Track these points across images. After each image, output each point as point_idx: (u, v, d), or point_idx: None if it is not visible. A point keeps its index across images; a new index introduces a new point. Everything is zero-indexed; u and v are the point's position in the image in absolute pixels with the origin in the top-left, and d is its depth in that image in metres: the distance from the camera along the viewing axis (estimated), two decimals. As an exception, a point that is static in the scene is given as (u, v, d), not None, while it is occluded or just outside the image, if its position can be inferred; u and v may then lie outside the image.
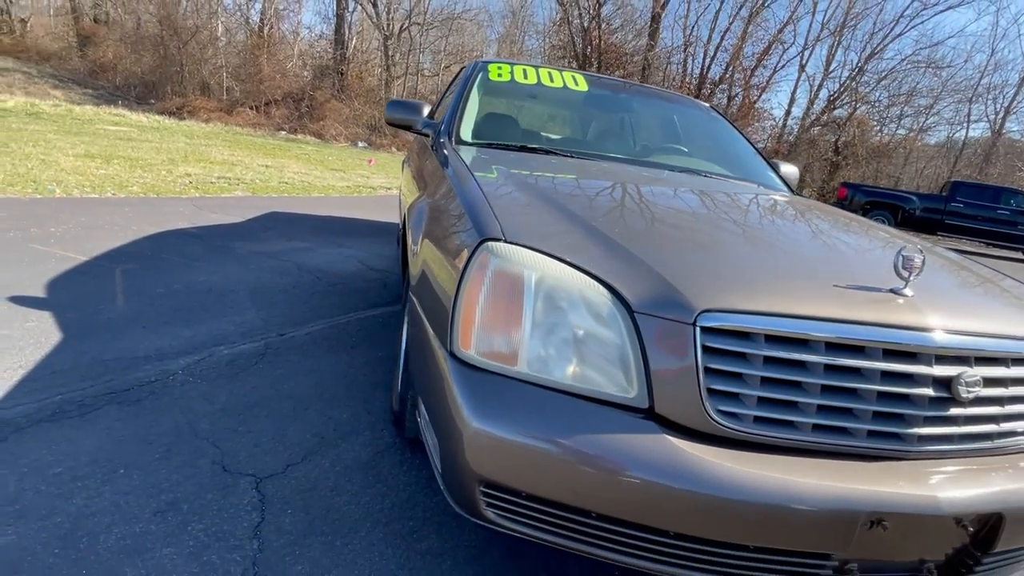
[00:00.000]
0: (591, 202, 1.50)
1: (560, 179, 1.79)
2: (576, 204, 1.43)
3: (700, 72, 23.52)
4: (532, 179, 1.66)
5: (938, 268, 1.51)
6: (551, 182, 1.70)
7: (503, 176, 1.65)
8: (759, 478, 0.98)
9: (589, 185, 1.78)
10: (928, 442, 1.09)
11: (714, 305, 1.04)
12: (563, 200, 1.45)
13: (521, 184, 1.57)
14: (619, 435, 1.01)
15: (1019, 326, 1.18)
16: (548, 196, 1.47)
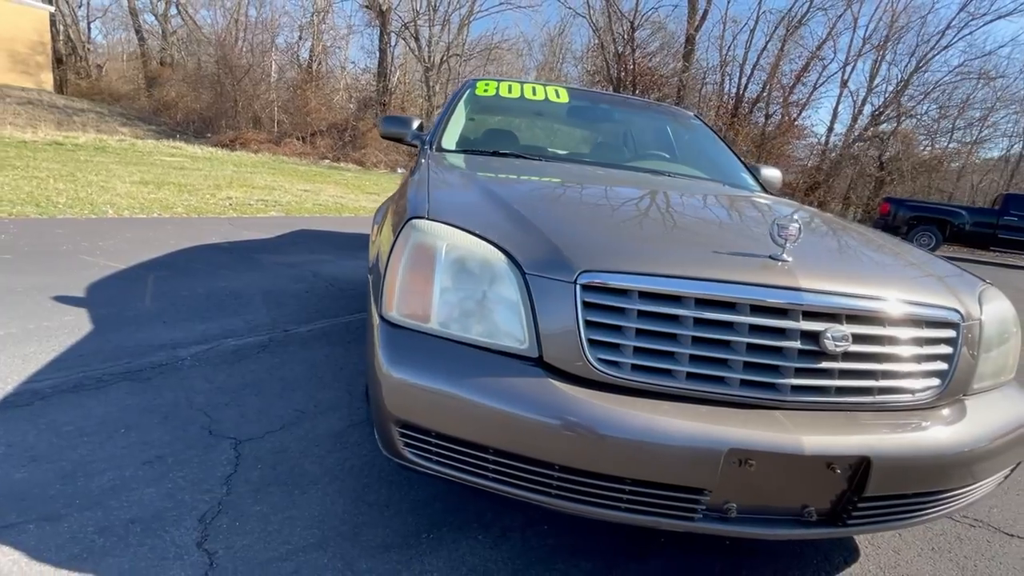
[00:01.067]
0: (524, 191, 1.67)
1: (507, 175, 1.96)
2: (508, 192, 1.61)
3: (736, 92, 23.39)
4: (481, 175, 1.84)
5: (831, 239, 1.63)
6: (496, 176, 1.87)
7: (455, 173, 1.84)
8: (626, 415, 1.10)
9: (532, 179, 1.95)
10: (802, 393, 1.19)
11: (592, 266, 1.18)
12: (498, 189, 1.63)
13: (467, 178, 1.75)
14: (510, 379, 1.16)
15: (900, 290, 1.27)
16: (486, 186, 1.65)
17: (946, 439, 1.20)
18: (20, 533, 1.26)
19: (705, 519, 1.16)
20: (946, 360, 1.29)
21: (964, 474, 1.23)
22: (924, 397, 1.27)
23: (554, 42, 37.03)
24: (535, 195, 1.65)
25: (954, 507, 1.32)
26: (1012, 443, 1.30)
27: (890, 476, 1.15)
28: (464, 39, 29.73)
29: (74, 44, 30.44)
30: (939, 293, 1.32)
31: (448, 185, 1.62)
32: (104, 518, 1.34)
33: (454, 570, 1.32)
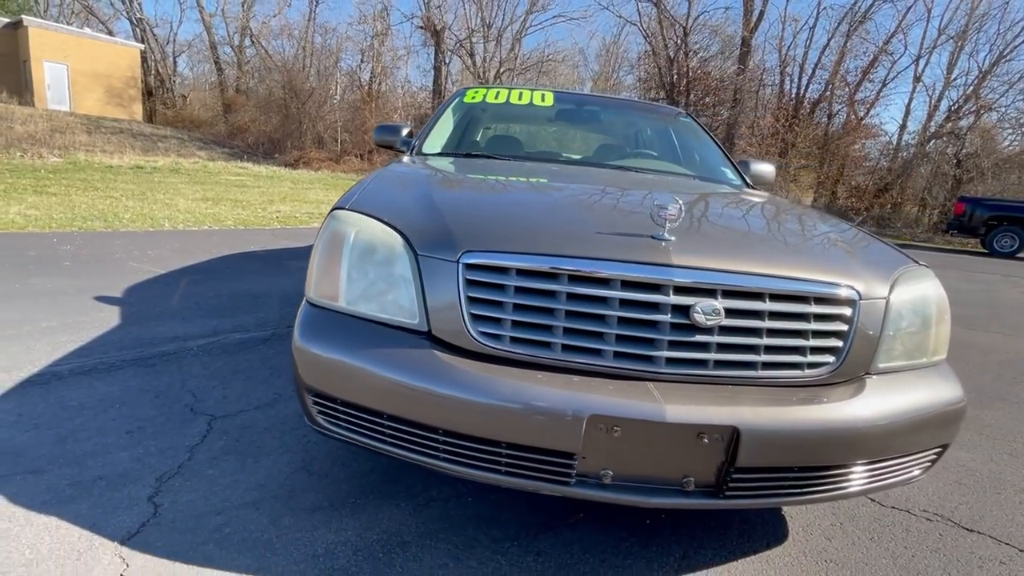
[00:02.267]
0: (451, 185, 1.78)
1: (453, 173, 2.07)
2: (435, 186, 1.72)
3: (796, 92, 22.51)
4: (426, 172, 1.96)
5: (741, 221, 1.66)
6: (438, 173, 1.98)
7: (405, 171, 1.97)
8: (495, 382, 1.19)
9: (472, 175, 2.04)
10: (678, 366, 1.23)
11: (474, 246, 1.28)
12: (428, 184, 1.74)
13: (410, 175, 1.88)
14: (399, 351, 1.27)
15: (788, 268, 1.29)
16: (419, 181, 1.77)
17: (823, 415, 1.21)
18: (7, 483, 1.48)
19: (580, 485, 1.22)
20: (841, 338, 1.29)
21: (847, 452, 1.23)
22: (816, 374, 1.28)
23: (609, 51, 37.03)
24: (458, 188, 1.76)
25: (853, 488, 1.30)
26: (910, 425, 1.28)
27: (760, 448, 1.17)
28: (517, 54, 30.22)
29: (162, 77, 33.26)
30: (835, 272, 1.32)
31: (386, 181, 1.75)
32: (78, 474, 1.55)
33: (367, 531, 1.43)
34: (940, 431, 1.36)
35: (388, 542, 1.40)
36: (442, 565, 1.33)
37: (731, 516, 1.64)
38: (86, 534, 1.32)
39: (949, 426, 1.37)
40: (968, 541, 1.63)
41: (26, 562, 1.22)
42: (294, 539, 1.37)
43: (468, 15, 29.79)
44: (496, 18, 30.12)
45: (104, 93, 25.95)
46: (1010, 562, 1.54)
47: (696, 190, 2.12)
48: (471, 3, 29.80)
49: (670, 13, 23.64)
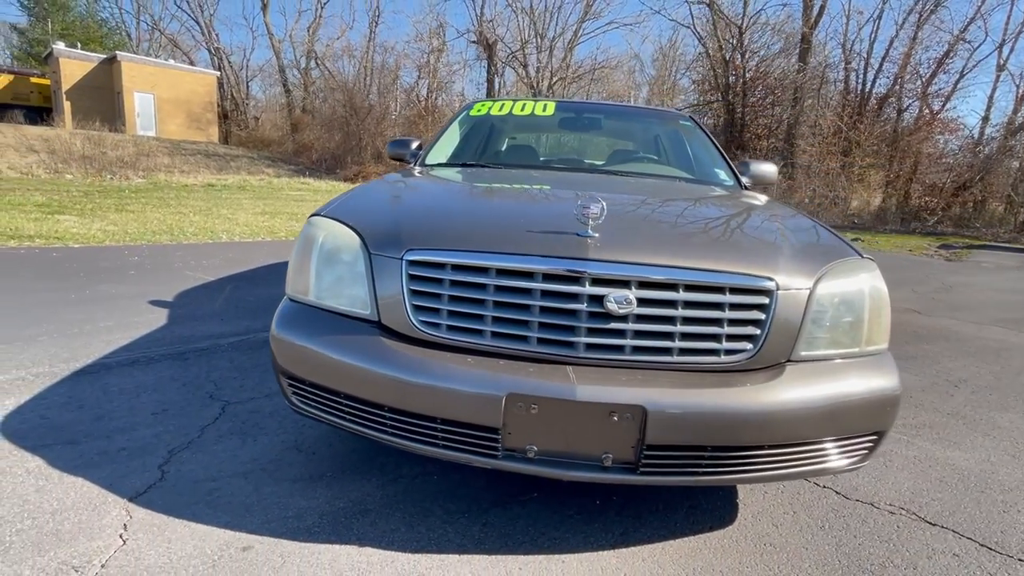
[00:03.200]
0: (416, 191, 1.94)
1: (425, 180, 2.23)
2: (403, 192, 1.90)
3: (861, 88, 21.45)
4: (403, 181, 2.13)
5: (672, 215, 1.78)
6: (413, 181, 2.15)
7: (384, 181, 2.15)
8: (427, 364, 1.34)
9: (449, 182, 2.21)
10: (597, 351, 1.34)
11: (416, 244, 1.44)
12: (398, 191, 1.92)
13: (388, 184, 2.06)
14: (353, 337, 1.45)
15: (704, 260, 1.37)
16: (392, 189, 1.94)
17: (731, 399, 1.28)
18: (48, 450, 1.77)
19: (508, 458, 1.35)
20: (758, 326, 1.36)
21: (757, 435, 1.29)
22: (734, 360, 1.35)
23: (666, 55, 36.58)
24: (417, 194, 1.92)
25: (772, 471, 1.36)
26: (826, 412, 1.33)
27: (667, 427, 1.26)
28: (569, 63, 30.39)
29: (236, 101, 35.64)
30: (754, 264, 1.39)
31: (364, 190, 1.95)
32: (106, 445, 1.82)
33: (336, 499, 1.61)
34: (866, 419, 1.39)
35: (352, 510, 1.57)
36: (394, 530, 1.50)
37: (680, 500, 1.71)
38: (103, 492, 1.57)
39: (878, 415, 1.40)
40: (926, 534, 1.63)
41: (52, 511, 1.48)
42: (271, 503, 1.58)
43: (521, 27, 30.30)
44: (549, 28, 30.49)
45: (185, 118, 28.14)
46: (964, 555, 1.54)
47: (669, 191, 2.20)
48: (524, 15, 30.34)
49: (724, 13, 23.13)
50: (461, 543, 1.46)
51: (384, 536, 1.47)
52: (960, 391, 2.88)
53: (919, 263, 8.28)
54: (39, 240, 5.40)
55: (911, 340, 3.84)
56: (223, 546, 1.39)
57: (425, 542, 1.46)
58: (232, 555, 1.36)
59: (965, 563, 1.51)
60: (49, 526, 1.42)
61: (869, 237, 12.62)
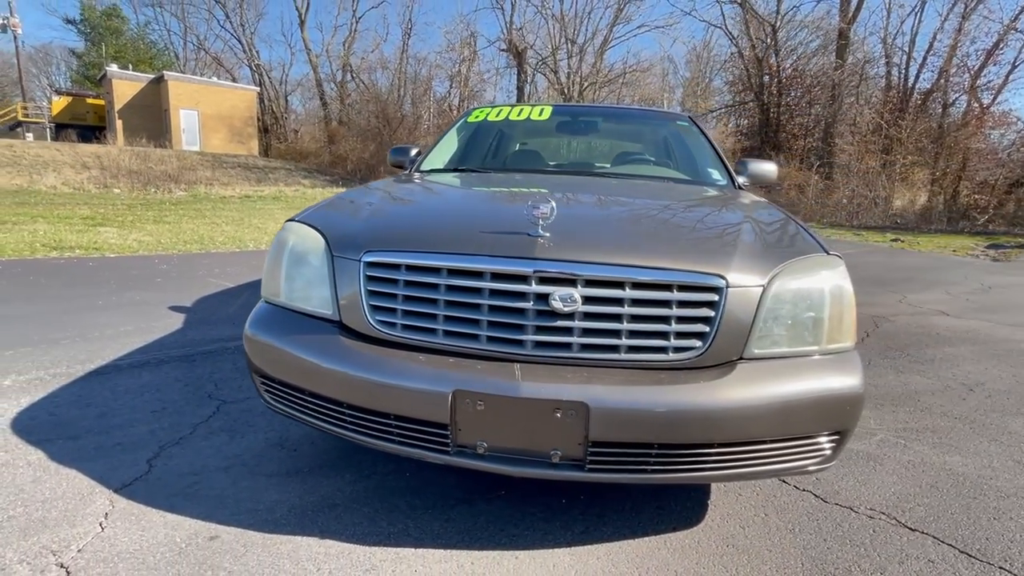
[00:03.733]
0: (386, 196, 1.97)
1: (412, 186, 2.27)
2: (375, 198, 1.94)
3: (903, 83, 20.65)
4: (382, 187, 2.18)
5: (632, 214, 1.80)
6: (391, 187, 2.19)
7: (363, 189, 2.21)
8: (384, 362, 1.39)
9: (424, 186, 2.25)
10: (545, 349, 1.36)
11: (374, 247, 1.49)
12: (371, 196, 1.96)
13: (367, 190, 2.12)
14: (314, 336, 1.51)
15: (651, 258, 1.38)
16: (367, 195, 1.99)
17: (676, 396, 1.28)
18: (51, 444, 1.89)
19: (459, 454, 1.38)
20: (707, 324, 1.35)
21: (704, 433, 1.28)
22: (683, 358, 1.35)
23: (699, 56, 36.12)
24: (387, 199, 1.95)
25: (725, 471, 1.35)
26: (778, 411, 1.31)
27: (610, 423, 1.27)
28: (599, 67, 30.31)
29: (276, 115, 36.90)
30: (702, 262, 1.38)
31: (342, 197, 2.02)
32: (104, 441, 1.93)
33: (308, 494, 1.67)
34: (824, 418, 1.37)
35: (321, 504, 1.63)
36: (357, 524, 1.54)
37: (648, 501, 1.70)
38: (92, 483, 1.67)
39: (837, 414, 1.37)
40: (902, 540, 1.57)
41: (43, 500, 1.58)
42: (244, 496, 1.64)
43: (552, 33, 30.42)
44: (579, 34, 30.52)
45: (227, 132, 29.28)
46: (941, 561, 1.48)
47: (647, 192, 2.19)
48: (554, 22, 30.45)
49: (756, 12, 22.68)
50: (419, 537, 1.49)
51: (346, 529, 1.52)
52: (974, 395, 2.75)
53: (960, 264, 7.91)
54: (79, 251, 5.73)
55: (931, 343, 3.69)
56: (192, 535, 1.46)
57: (384, 536, 1.49)
58: (199, 543, 1.43)
59: (939, 569, 1.45)
60: (38, 514, 1.52)
61: (910, 237, 12.12)
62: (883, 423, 2.39)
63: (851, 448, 2.12)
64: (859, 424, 2.31)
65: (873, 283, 6.06)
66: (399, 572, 1.37)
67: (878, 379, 2.95)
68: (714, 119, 27.88)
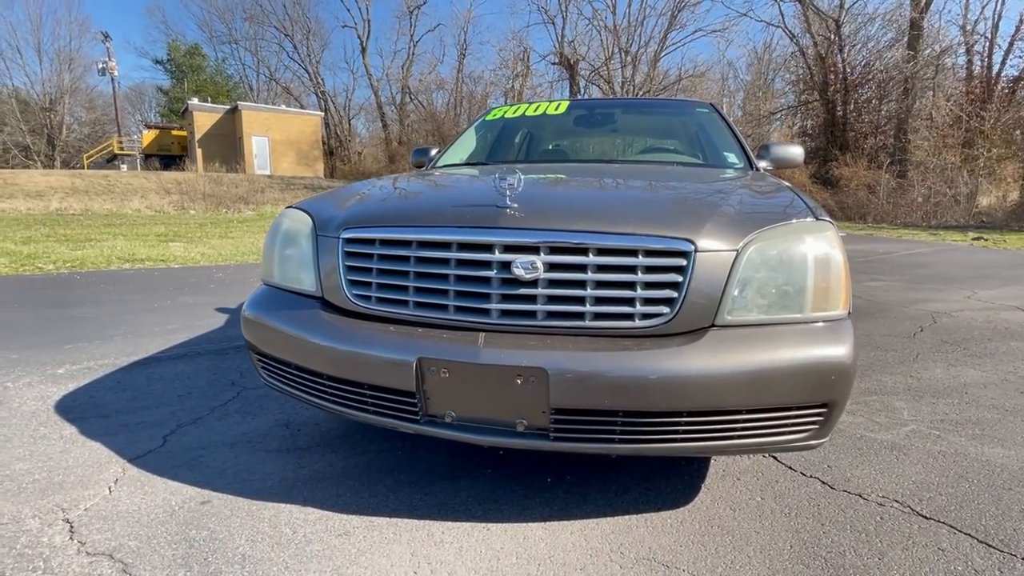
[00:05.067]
0: (380, 184, 2.01)
1: (411, 176, 2.30)
2: (378, 185, 2.00)
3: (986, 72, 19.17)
4: (395, 178, 2.25)
5: (613, 187, 1.78)
6: (400, 177, 2.24)
7: (380, 179, 2.29)
8: (356, 333, 1.43)
9: (425, 176, 2.28)
10: (510, 318, 1.36)
11: (352, 223, 1.55)
12: (377, 184, 2.03)
13: (376, 181, 2.19)
14: (298, 312, 1.58)
15: (613, 224, 1.35)
16: (374, 183, 2.06)
17: (637, 362, 1.24)
18: (85, 422, 2.06)
19: (428, 423, 1.40)
20: (675, 289, 1.31)
21: (670, 400, 1.24)
22: (650, 325, 1.32)
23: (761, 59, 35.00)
24: (386, 185, 2.00)
25: (698, 443, 1.30)
26: (751, 380, 1.24)
27: (569, 389, 1.25)
28: (653, 75, 29.97)
29: (340, 138, 38.70)
30: (669, 227, 1.35)
31: (347, 187, 2.09)
32: (130, 419, 2.08)
33: (301, 467, 1.74)
34: (805, 389, 1.29)
35: (311, 476, 1.68)
36: (340, 495, 1.58)
37: (636, 481, 1.65)
38: (111, 454, 1.80)
39: (820, 385, 1.29)
40: (912, 527, 1.45)
41: (66, 467, 1.72)
42: (241, 468, 1.73)
43: (605, 44, 30.40)
44: (632, 43, 30.33)
45: (295, 156, 30.93)
46: (951, 549, 1.36)
47: (644, 173, 2.15)
48: (607, 32, 30.43)
49: (818, 8, 21.78)
50: (396, 508, 1.52)
51: (328, 499, 1.56)
52: (1034, 388, 2.50)
53: (1048, 260, 7.21)
54: (148, 262, 6.20)
55: (996, 338, 3.38)
56: (187, 500, 1.55)
57: (364, 506, 1.53)
58: (191, 507, 1.51)
59: (948, 557, 1.33)
60: (58, 478, 1.65)
61: (996, 236, 11.18)
62: (918, 414, 2.21)
63: (874, 438, 1.98)
64: (889, 415, 2.17)
65: (939, 280, 5.63)
66: (370, 538, 1.39)
67: (923, 372, 2.73)
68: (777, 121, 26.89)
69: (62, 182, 18.92)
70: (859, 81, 21.39)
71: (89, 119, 41.06)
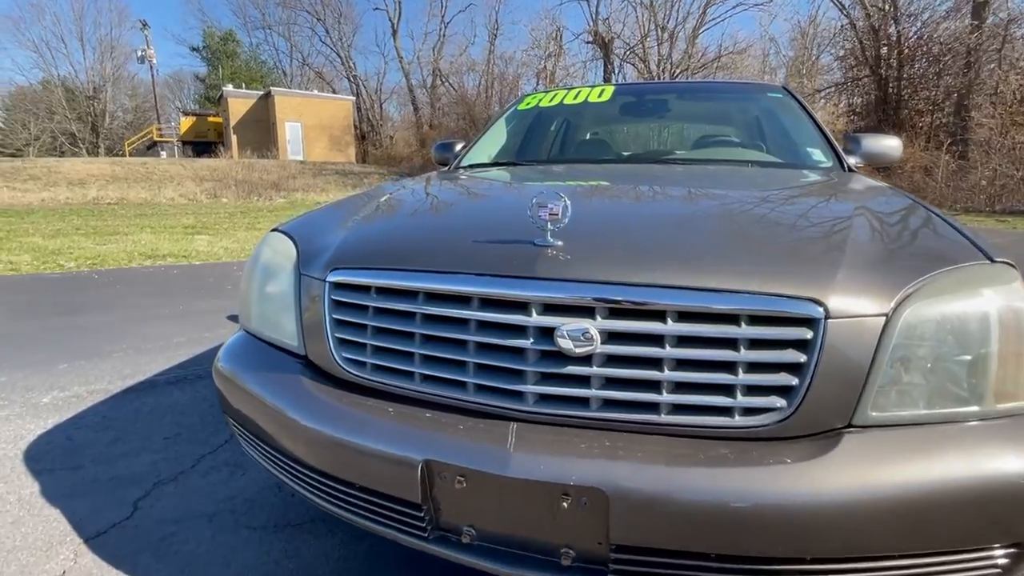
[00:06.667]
0: (384, 199, 1.61)
1: (426, 185, 1.88)
2: (386, 199, 1.62)
3: (1062, 42, 17.59)
4: (407, 187, 1.86)
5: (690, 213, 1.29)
6: (414, 186, 1.84)
7: (390, 187, 1.90)
8: (346, 415, 1.07)
9: (446, 186, 1.86)
10: (551, 404, 0.98)
11: (341, 263, 1.17)
12: (368, 201, 1.62)
13: (373, 194, 1.78)
14: (278, 375, 1.22)
15: (709, 276, 0.95)
16: (367, 200, 1.66)
17: (743, 481, 0.85)
18: (49, 476, 1.77)
19: (438, 541, 1.03)
20: (795, 373, 0.90)
21: (792, 541, 0.84)
22: (756, 422, 0.91)
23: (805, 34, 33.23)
24: (396, 202, 1.60)
25: None
26: (907, 508, 0.83)
27: (638, 521, 0.87)
28: (691, 52, 28.76)
29: (372, 123, 38.57)
30: (789, 278, 0.93)
31: (342, 201, 1.72)
32: (103, 472, 1.79)
33: (288, 558, 1.40)
34: (991, 522, 0.87)
35: (299, 571, 1.34)
36: (331, 608, 1.24)
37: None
38: (67, 529, 1.50)
39: (1010, 515, 0.87)
40: None
41: (11, 547, 1.43)
42: (217, 557, 1.40)
43: (640, 20, 29.25)
44: (669, 19, 29.09)
45: (327, 141, 30.91)
46: None
47: (717, 180, 1.72)
48: (643, 8, 29.22)
49: (871, -25, 20.35)
50: (400, 636, 1.16)
51: (316, 615, 1.22)
52: None
53: None
54: (170, 258, 6.01)
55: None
56: (140, 611, 1.23)
57: (359, 630, 1.18)
58: (143, 624, 1.19)
59: None
60: (-3, 567, 1.35)
61: (1074, 224, 10.19)
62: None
63: None
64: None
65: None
66: None
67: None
68: (822, 99, 25.46)
69: (103, 170, 19.24)
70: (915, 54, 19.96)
71: (132, 106, 41.98)
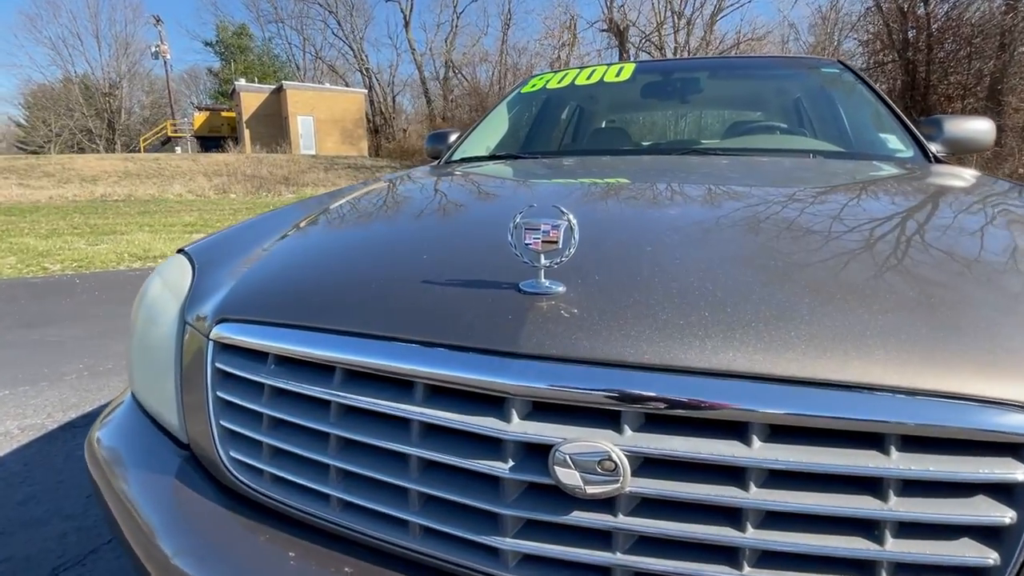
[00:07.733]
0: (356, 207, 1.23)
1: (398, 187, 1.48)
2: (330, 206, 1.24)
3: (1107, 21, 16.61)
4: (364, 191, 1.45)
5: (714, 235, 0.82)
6: (375, 190, 1.44)
7: (345, 191, 1.50)
8: (219, 548, 0.68)
9: (412, 191, 1.44)
10: (550, 571, 0.57)
11: (230, 311, 0.78)
12: (331, 204, 1.26)
13: (344, 192, 1.43)
14: (150, 473, 0.83)
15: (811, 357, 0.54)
16: (312, 206, 1.28)
17: None
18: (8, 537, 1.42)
19: None
20: (992, 540, 0.49)
21: None
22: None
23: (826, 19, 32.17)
24: (337, 218, 1.19)
25: None
26: None
27: None
28: (709, 39, 27.98)
29: (385, 116, 38.26)
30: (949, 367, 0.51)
31: (292, 207, 1.33)
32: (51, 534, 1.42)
33: None
34: None
35: None
36: None
37: None
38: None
39: None
40: None
41: None
42: None
43: (656, 7, 28.48)
44: (686, 5, 28.30)
45: (340, 135, 30.65)
46: None
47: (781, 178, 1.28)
48: (658, -5, 28.40)
49: (901, -45, 19.45)
50: None
51: None
52: None
53: None
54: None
55: None
56: None
57: None
58: None
59: None
60: None
61: None
62: None
63: None
64: None
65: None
66: None
67: None
68: (847, 86, 24.55)
69: (115, 166, 19.14)
70: (944, 36, 19.06)
71: (148, 102, 42.11)
